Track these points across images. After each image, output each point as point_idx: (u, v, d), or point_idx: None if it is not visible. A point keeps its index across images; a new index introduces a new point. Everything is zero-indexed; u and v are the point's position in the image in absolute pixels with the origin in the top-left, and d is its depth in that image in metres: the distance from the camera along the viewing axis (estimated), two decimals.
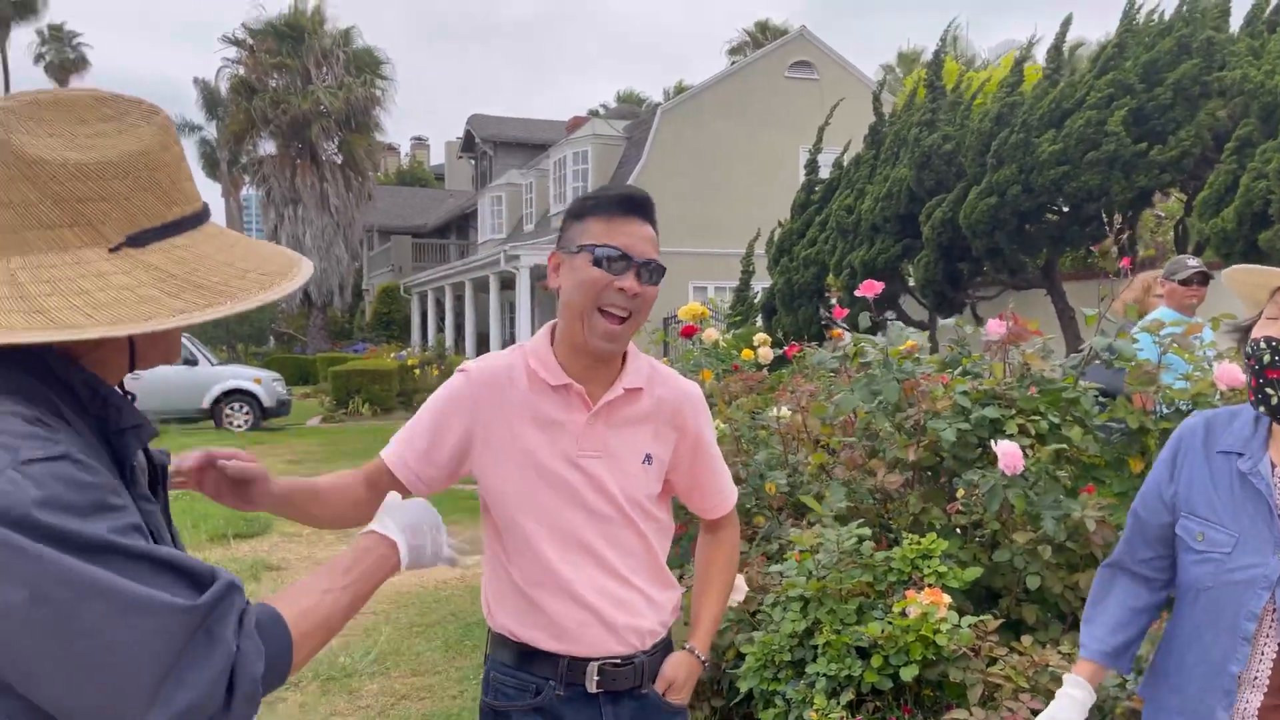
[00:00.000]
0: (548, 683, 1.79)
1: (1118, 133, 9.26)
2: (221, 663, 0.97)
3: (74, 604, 0.90)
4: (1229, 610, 1.59)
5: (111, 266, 1.03)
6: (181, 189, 1.10)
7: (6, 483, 0.90)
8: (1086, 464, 3.52)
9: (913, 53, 39.54)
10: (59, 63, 53.51)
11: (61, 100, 1.05)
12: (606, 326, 1.72)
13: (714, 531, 2.06)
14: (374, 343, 30.77)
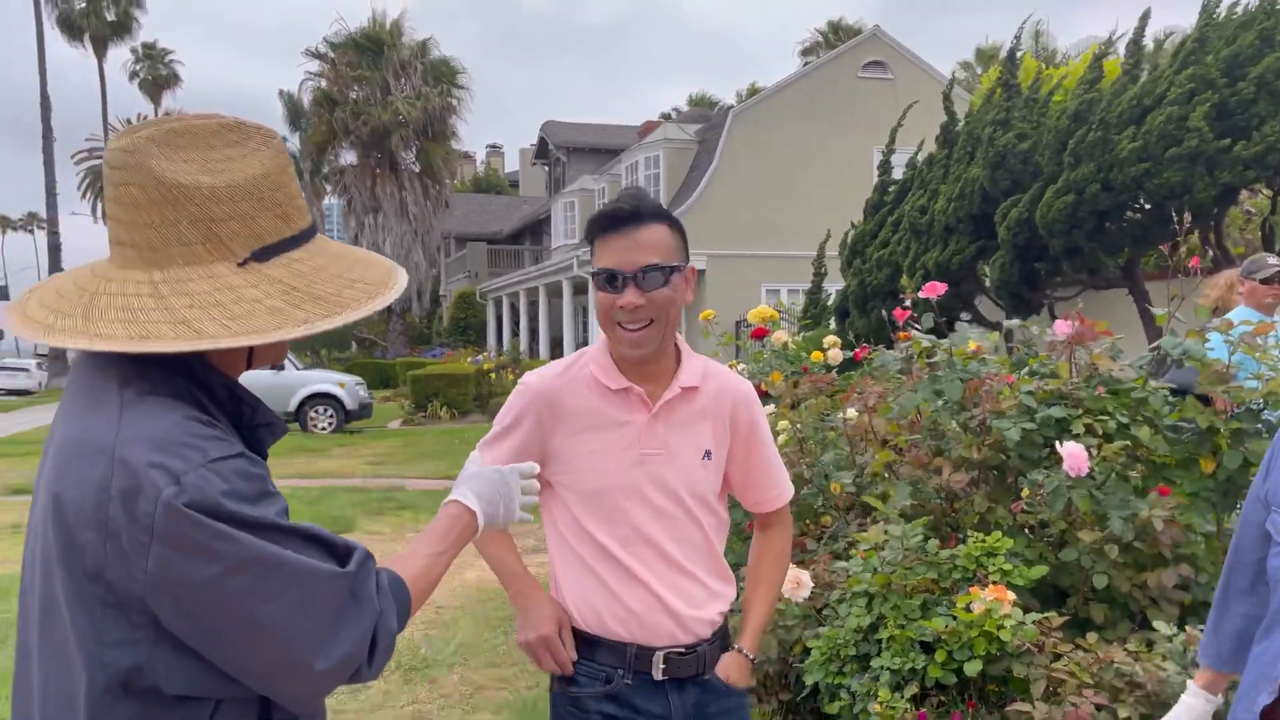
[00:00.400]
0: (616, 670, 1.88)
1: (1200, 128, 9.04)
2: (369, 620, 1.15)
3: (259, 576, 1.07)
4: None
5: (241, 280, 1.16)
6: (296, 206, 1.23)
7: (199, 478, 1.05)
8: (1157, 464, 3.51)
9: (992, 48, 38.84)
10: (153, 79, 55.65)
11: (192, 128, 1.17)
12: (627, 337, 1.83)
13: (765, 530, 2.13)
14: (451, 347, 31.38)
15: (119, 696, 1.09)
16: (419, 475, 11.69)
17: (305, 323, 1.17)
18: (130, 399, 1.13)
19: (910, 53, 24.30)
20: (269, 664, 1.10)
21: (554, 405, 1.89)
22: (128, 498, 1.05)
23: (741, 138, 23.19)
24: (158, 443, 1.07)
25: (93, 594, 1.08)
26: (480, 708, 4.29)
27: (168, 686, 1.09)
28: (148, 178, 1.13)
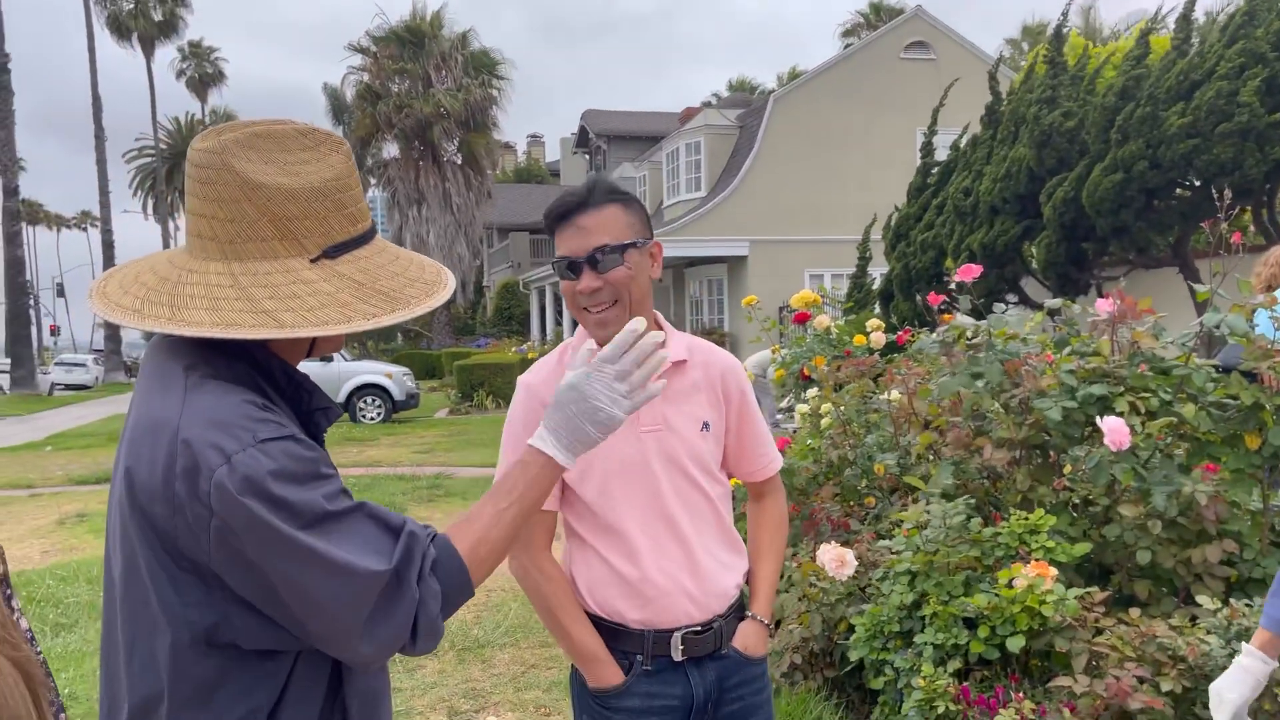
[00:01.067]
0: (635, 657, 1.90)
1: (1251, 103, 8.88)
2: (409, 607, 1.22)
3: (299, 563, 1.15)
4: None
5: (314, 275, 1.25)
6: (361, 209, 1.32)
7: (249, 458, 1.14)
8: (1201, 441, 3.50)
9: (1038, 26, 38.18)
10: (199, 77, 56.60)
11: (271, 132, 1.27)
12: (592, 319, 1.85)
13: (760, 499, 2.15)
14: (495, 337, 31.68)
15: (203, 652, 1.19)
16: (466, 464, 11.86)
17: (373, 317, 1.25)
18: (194, 382, 1.22)
19: (953, 32, 24.00)
20: (319, 634, 1.19)
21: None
22: (189, 475, 1.13)
23: (783, 122, 23.08)
24: (215, 423, 1.16)
25: (169, 560, 1.17)
26: (532, 685, 4.40)
27: (245, 642, 1.19)
28: (231, 176, 1.22)
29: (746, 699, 1.98)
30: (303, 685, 1.24)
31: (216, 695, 1.19)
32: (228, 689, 1.20)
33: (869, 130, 23.10)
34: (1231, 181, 9.17)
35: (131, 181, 57.04)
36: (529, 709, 4.14)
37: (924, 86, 22.11)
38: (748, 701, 1.99)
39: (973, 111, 14.90)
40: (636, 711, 1.90)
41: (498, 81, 32.00)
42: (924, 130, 14.59)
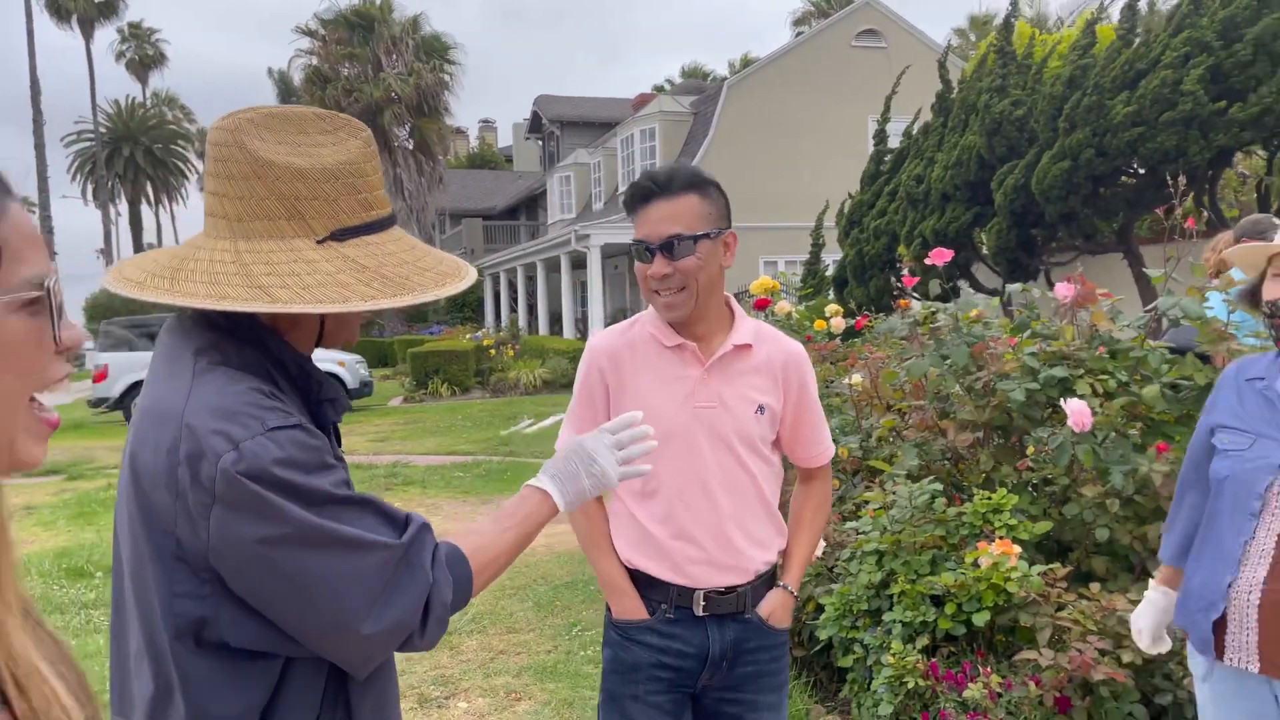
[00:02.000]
0: (660, 605, 2.02)
1: (1195, 92, 9.09)
2: (421, 589, 1.21)
3: (309, 544, 1.14)
4: (1241, 494, 1.98)
5: (318, 255, 1.23)
6: (376, 196, 1.31)
7: (257, 445, 1.13)
8: (1156, 421, 3.61)
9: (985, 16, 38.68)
10: (139, 59, 55.34)
11: (289, 114, 1.27)
12: (660, 302, 1.97)
13: (809, 482, 2.24)
14: (449, 324, 31.42)
15: (192, 649, 1.17)
16: (423, 452, 11.79)
17: (371, 299, 1.23)
18: (202, 368, 1.21)
19: (903, 20, 24.23)
20: (317, 626, 1.17)
21: (615, 361, 2.03)
22: (193, 462, 1.12)
23: (737, 109, 23.16)
24: (222, 410, 1.15)
25: (166, 548, 1.16)
26: (501, 671, 4.41)
27: (233, 640, 1.17)
28: (243, 154, 1.22)
29: (762, 664, 2.06)
30: (299, 686, 1.22)
31: (208, 691, 1.18)
32: (218, 686, 1.18)
33: (821, 117, 23.26)
34: (1175, 169, 9.39)
35: (70, 166, 55.57)
36: (499, 694, 4.16)
37: (875, 74, 22.31)
38: (763, 667, 2.06)
39: (923, 99, 15.06)
40: (654, 648, 2.02)
41: (449, 66, 31.65)
42: (876, 118, 14.74)
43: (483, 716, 3.94)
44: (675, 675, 2.02)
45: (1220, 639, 2.00)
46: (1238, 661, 1.97)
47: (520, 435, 12.79)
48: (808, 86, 23.32)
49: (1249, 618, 1.95)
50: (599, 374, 2.04)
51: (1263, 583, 1.92)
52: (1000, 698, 2.91)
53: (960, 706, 2.96)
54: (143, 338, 16.88)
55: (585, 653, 4.56)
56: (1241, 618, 1.96)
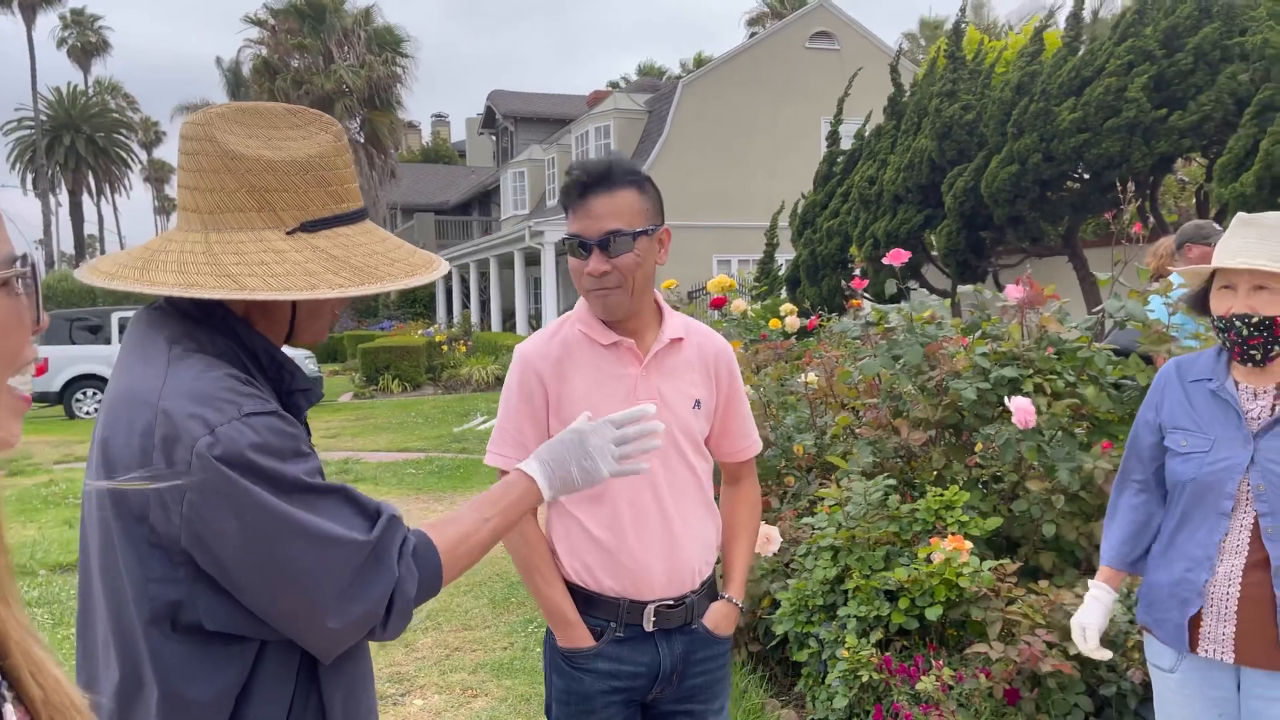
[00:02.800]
0: (609, 624, 1.96)
1: (1138, 99, 9.33)
2: (386, 585, 1.22)
3: (280, 534, 1.14)
4: (1212, 495, 2.04)
5: (287, 246, 1.25)
6: (347, 189, 1.32)
7: (233, 430, 1.13)
8: (1100, 420, 3.71)
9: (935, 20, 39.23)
10: (81, 46, 54.04)
11: (260, 109, 1.28)
12: (596, 298, 1.90)
13: (736, 483, 2.20)
14: (400, 320, 31.12)
15: (167, 633, 1.17)
16: (374, 449, 11.69)
17: (339, 286, 1.24)
18: (177, 355, 1.21)
19: (857, 24, 24.49)
20: (287, 612, 1.18)
21: (552, 365, 1.96)
22: (167, 445, 1.13)
23: (691, 108, 23.25)
24: (198, 396, 1.15)
25: (139, 533, 1.16)
26: (457, 668, 4.40)
27: (209, 623, 1.17)
28: (213, 147, 1.23)
29: (710, 673, 2.05)
30: (273, 671, 1.23)
31: (183, 674, 1.18)
32: (193, 669, 1.18)
33: (775, 118, 23.43)
34: (1119, 174, 9.63)
35: (10, 154, 54.09)
36: (455, 691, 4.15)
37: (828, 76, 22.55)
38: (710, 676, 2.05)
39: (875, 101, 15.26)
40: (604, 674, 1.96)
41: (402, 59, 31.36)
42: (829, 119, 14.91)
43: (439, 714, 3.94)
44: (627, 695, 1.99)
45: (1194, 632, 2.06)
46: (1213, 653, 2.03)
47: (473, 432, 12.73)
48: (762, 87, 23.48)
49: (1227, 610, 2.01)
50: (537, 379, 1.95)
51: (1240, 575, 2.00)
52: (952, 690, 2.97)
53: (913, 699, 3.02)
54: (82, 330, 16.51)
55: (540, 649, 4.57)
56: (1220, 611, 2.02)
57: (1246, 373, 2.07)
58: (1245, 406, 2.04)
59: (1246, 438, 2.01)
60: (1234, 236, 2.03)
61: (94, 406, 16.34)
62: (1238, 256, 1.99)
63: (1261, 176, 8.04)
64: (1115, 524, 2.30)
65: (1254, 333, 1.98)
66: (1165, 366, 2.25)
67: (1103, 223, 12.58)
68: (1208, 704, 2.08)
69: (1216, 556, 2.03)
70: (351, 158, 1.35)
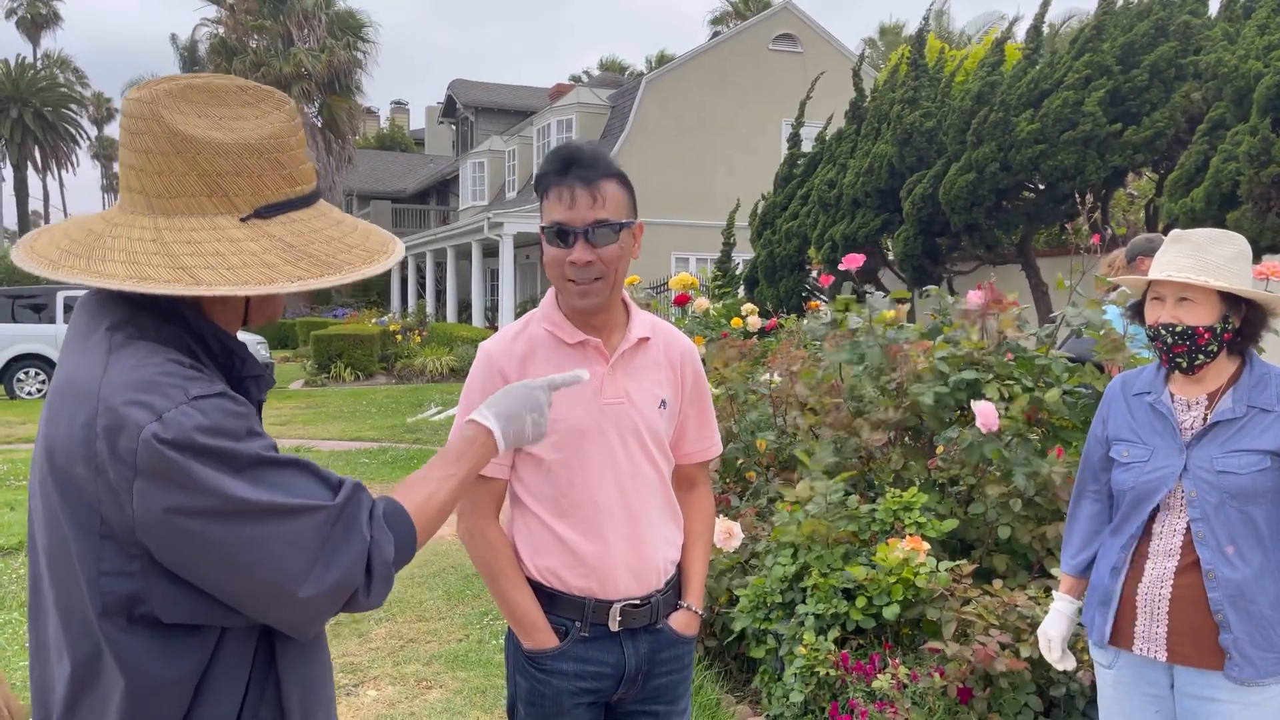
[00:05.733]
0: (573, 624, 1.92)
1: (1094, 113, 9.51)
2: (359, 548, 1.20)
3: (241, 511, 1.12)
4: (1147, 501, 2.16)
5: (242, 234, 1.20)
6: (301, 170, 1.28)
7: (181, 414, 1.10)
8: (1055, 426, 3.79)
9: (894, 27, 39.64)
10: (31, 17, 52.66)
11: (209, 86, 1.23)
12: (575, 290, 1.85)
13: (693, 488, 2.16)
14: (353, 308, 30.78)
15: (122, 626, 1.15)
16: (327, 436, 11.56)
17: (298, 279, 1.21)
18: (118, 343, 1.17)
19: (820, 28, 24.67)
20: (255, 592, 1.15)
21: (517, 365, 1.91)
22: (110, 435, 1.10)
23: (654, 105, 23.26)
24: (141, 383, 1.12)
25: (90, 526, 1.13)
26: (411, 659, 4.37)
27: (164, 615, 1.15)
28: (161, 128, 1.18)
29: (674, 673, 2.04)
30: (227, 662, 1.21)
31: (145, 663, 1.16)
32: (154, 657, 1.16)
33: (736, 118, 23.53)
34: (1073, 186, 9.82)
35: None
36: (409, 682, 4.12)
37: (790, 78, 22.70)
38: (675, 676, 2.04)
39: (837, 105, 15.37)
40: (569, 675, 1.93)
41: (363, 44, 30.99)
42: (790, 120, 15.01)
43: (393, 704, 3.91)
44: (593, 696, 1.96)
45: (1128, 631, 2.16)
46: (1147, 651, 2.13)
47: (427, 423, 12.64)
48: (724, 86, 23.56)
49: (1159, 610, 2.11)
50: (501, 379, 1.90)
51: (1173, 578, 2.10)
52: (906, 688, 3.02)
53: (869, 696, 3.06)
54: (25, 309, 16.11)
55: (496, 641, 4.56)
56: (1152, 610, 2.12)
57: (1181, 385, 2.19)
58: (1180, 417, 2.16)
59: (1180, 447, 2.13)
60: (1166, 251, 2.14)
61: (36, 387, 15.94)
62: (1166, 270, 2.11)
63: (1211, 192, 8.25)
64: (1073, 534, 2.40)
65: (1178, 340, 2.10)
66: (1112, 382, 2.37)
67: (1055, 233, 12.82)
68: (1144, 700, 2.18)
69: (1134, 558, 2.16)
70: (304, 136, 1.32)
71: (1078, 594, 2.38)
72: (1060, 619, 2.39)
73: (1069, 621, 2.39)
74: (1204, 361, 2.11)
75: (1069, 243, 12.41)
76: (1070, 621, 2.39)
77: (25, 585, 5.46)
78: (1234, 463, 2.06)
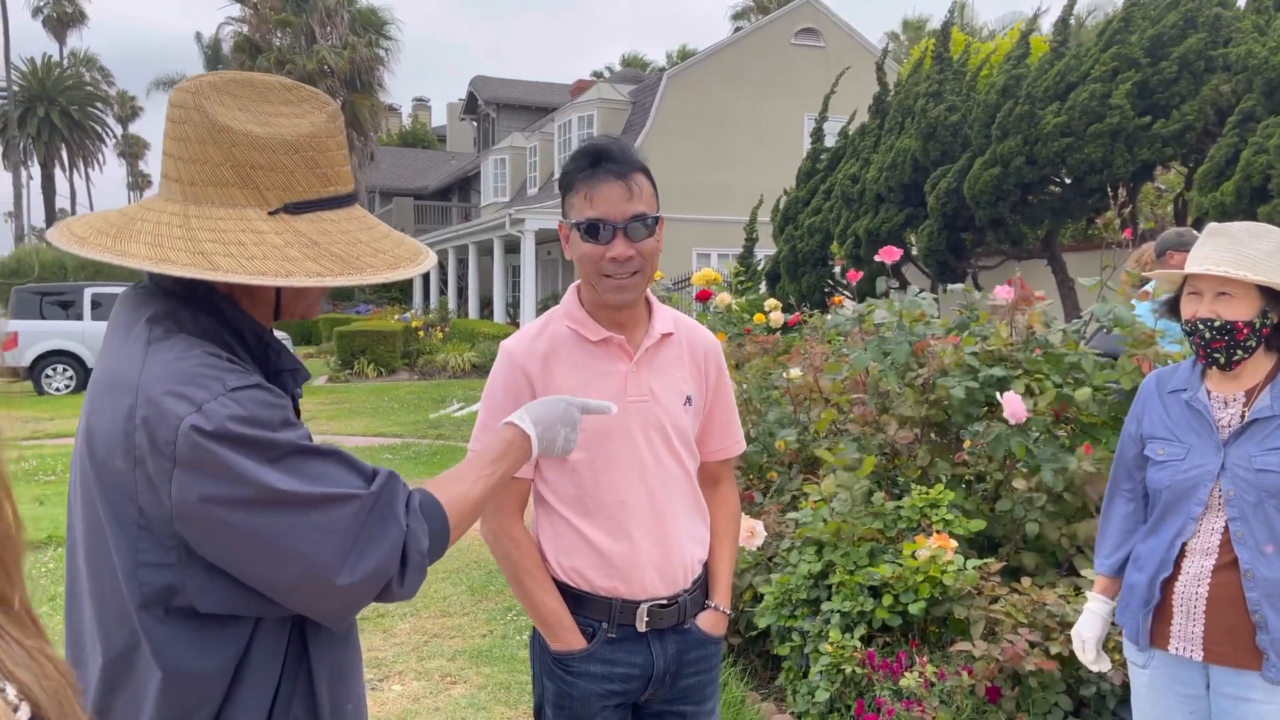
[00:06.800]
0: (600, 625, 1.90)
1: (1122, 106, 9.41)
2: (396, 536, 1.20)
3: (279, 500, 1.13)
4: (1184, 500, 2.09)
5: (268, 227, 1.21)
6: (338, 172, 1.28)
7: (220, 405, 1.11)
8: (1084, 422, 3.74)
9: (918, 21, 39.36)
10: (57, 16, 53.20)
11: (254, 81, 1.24)
12: (614, 284, 1.82)
13: (718, 485, 2.13)
14: (376, 305, 30.91)
15: (160, 617, 1.16)
16: (351, 433, 11.61)
17: (317, 275, 1.20)
18: (158, 336, 1.19)
19: (843, 22, 24.52)
20: (292, 581, 1.16)
21: (540, 362, 1.90)
22: (150, 426, 1.11)
23: (675, 101, 23.20)
24: (180, 375, 1.13)
25: (129, 517, 1.14)
26: (435, 655, 4.38)
27: (201, 605, 1.15)
28: (201, 117, 1.20)
29: (702, 673, 2.01)
30: (260, 654, 1.21)
31: (182, 653, 1.16)
32: (192, 649, 1.16)
33: (759, 113, 23.44)
34: (1100, 179, 9.71)
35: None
36: (434, 677, 4.13)
37: (813, 73, 22.58)
38: (703, 676, 2.02)
39: (859, 100, 15.30)
40: (597, 677, 1.91)
41: (385, 41, 31.09)
42: (812, 116, 14.95)
43: (417, 700, 3.92)
44: (621, 697, 1.94)
45: (1164, 630, 2.13)
46: (1182, 651, 2.10)
47: (450, 419, 12.68)
48: (746, 81, 23.47)
49: (1196, 609, 2.08)
50: (524, 377, 1.88)
51: (1209, 576, 2.06)
52: (934, 686, 2.99)
53: (895, 694, 3.04)
54: (53, 305, 16.28)
55: (520, 637, 4.56)
56: (1189, 610, 2.09)
57: (1218, 382, 2.15)
58: (1216, 415, 2.13)
59: (1217, 445, 2.10)
60: (1203, 245, 2.11)
61: (64, 383, 16.11)
62: (1205, 263, 2.07)
63: (1241, 186, 8.14)
64: (1107, 533, 2.37)
65: (1216, 336, 2.06)
66: (1146, 379, 2.34)
67: (1081, 228, 12.70)
68: (1179, 700, 2.14)
69: (1180, 558, 2.11)
70: (344, 139, 1.32)
71: (1112, 594, 2.35)
72: (1094, 620, 2.37)
73: (1103, 622, 2.36)
74: (1242, 357, 2.07)
75: (1096, 237, 12.30)
76: (1105, 622, 2.36)
77: (54, 579, 5.51)
78: (1273, 460, 2.02)
